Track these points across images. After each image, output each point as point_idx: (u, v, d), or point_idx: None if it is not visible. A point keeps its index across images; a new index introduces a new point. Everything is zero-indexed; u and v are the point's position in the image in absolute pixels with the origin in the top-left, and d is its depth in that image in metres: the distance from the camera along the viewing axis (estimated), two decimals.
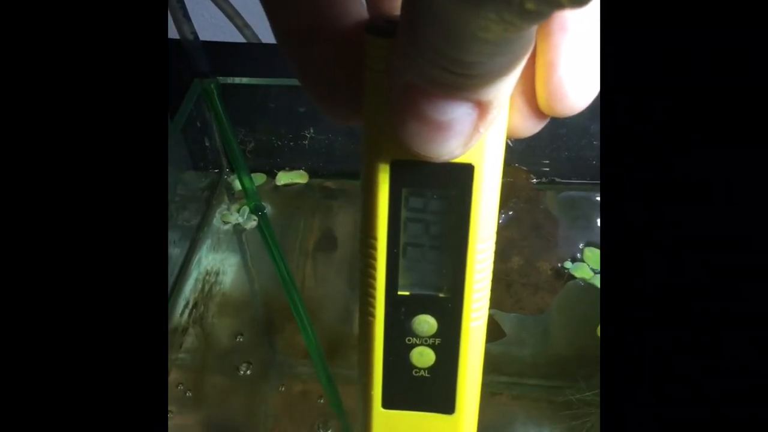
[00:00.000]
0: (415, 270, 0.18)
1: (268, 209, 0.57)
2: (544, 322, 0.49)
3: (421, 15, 0.13)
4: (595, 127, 0.56)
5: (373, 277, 0.18)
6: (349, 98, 0.17)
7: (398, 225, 0.18)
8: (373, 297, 0.19)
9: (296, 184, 0.60)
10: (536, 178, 0.59)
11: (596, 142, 0.57)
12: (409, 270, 0.18)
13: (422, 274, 0.18)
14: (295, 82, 0.57)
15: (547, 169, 0.59)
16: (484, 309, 0.19)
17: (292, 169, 0.60)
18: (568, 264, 0.52)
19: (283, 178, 0.60)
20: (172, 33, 0.52)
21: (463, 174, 0.17)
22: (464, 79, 0.14)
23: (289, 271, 0.52)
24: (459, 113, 0.15)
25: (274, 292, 0.52)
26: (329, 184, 0.60)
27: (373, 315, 0.19)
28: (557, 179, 0.59)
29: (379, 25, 0.16)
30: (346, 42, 0.16)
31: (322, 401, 0.45)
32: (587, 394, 0.45)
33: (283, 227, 0.57)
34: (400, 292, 0.19)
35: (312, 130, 0.57)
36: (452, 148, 0.15)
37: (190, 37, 0.50)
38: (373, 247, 0.18)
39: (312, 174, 0.60)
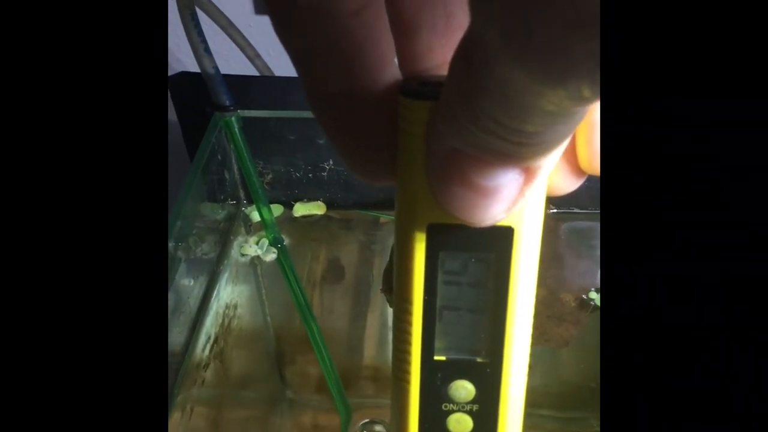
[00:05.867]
0: (452, 334, 0.18)
1: (285, 241, 0.57)
2: (567, 353, 0.49)
3: (481, 84, 0.12)
4: None
5: (408, 342, 0.18)
6: (382, 161, 0.17)
7: (434, 289, 0.17)
8: (408, 362, 0.18)
9: (313, 215, 0.60)
10: (555, 208, 0.59)
11: None
12: (446, 334, 0.18)
13: (459, 338, 0.18)
14: (312, 114, 0.57)
15: (566, 198, 0.59)
16: (524, 374, 0.18)
17: (309, 200, 0.60)
18: (592, 294, 0.51)
19: (301, 209, 0.60)
20: (194, 66, 0.52)
21: (503, 237, 0.17)
22: (519, 147, 0.13)
23: (308, 304, 0.52)
24: (506, 179, 0.14)
25: (288, 325, 0.52)
26: (346, 215, 0.60)
27: (408, 380, 0.18)
28: (576, 209, 0.59)
29: (413, 87, 0.16)
30: (379, 105, 0.16)
31: None
32: None
33: (297, 258, 0.56)
34: (436, 357, 0.18)
35: (331, 162, 0.57)
36: (496, 213, 0.15)
37: (211, 70, 0.50)
38: (408, 311, 0.18)
39: (330, 205, 0.60)
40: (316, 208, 0.60)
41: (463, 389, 0.18)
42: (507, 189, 0.15)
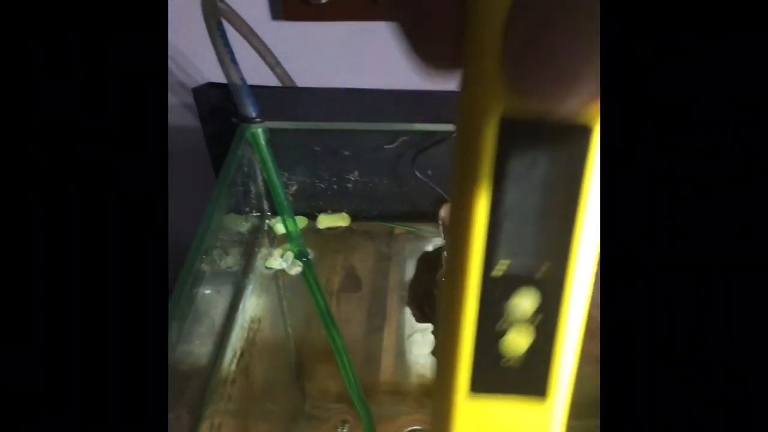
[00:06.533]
0: (516, 243, 0.17)
1: (310, 254, 0.57)
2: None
3: None
4: None
5: (466, 254, 0.17)
6: (448, 42, 0.15)
7: (500, 193, 0.16)
8: (465, 273, 0.17)
9: (338, 227, 0.59)
10: None
11: None
12: (509, 242, 0.17)
13: (524, 246, 0.17)
14: (338, 126, 0.57)
15: None
16: (589, 285, 0.17)
17: (334, 212, 0.60)
18: None
19: (325, 221, 0.59)
20: (221, 77, 0.52)
21: (580, 136, 0.15)
22: None
23: (333, 319, 0.51)
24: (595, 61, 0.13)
25: (309, 337, 0.52)
26: (366, 226, 0.60)
27: (464, 293, 0.17)
28: None
29: None
30: None
31: None
32: None
33: (320, 270, 0.56)
34: (496, 269, 0.17)
35: (356, 173, 0.57)
36: (581, 101, 0.13)
37: (238, 81, 0.50)
38: (469, 217, 0.16)
39: (354, 217, 0.60)
40: (341, 220, 0.60)
41: (525, 302, 0.17)
42: (594, 73, 0.13)
